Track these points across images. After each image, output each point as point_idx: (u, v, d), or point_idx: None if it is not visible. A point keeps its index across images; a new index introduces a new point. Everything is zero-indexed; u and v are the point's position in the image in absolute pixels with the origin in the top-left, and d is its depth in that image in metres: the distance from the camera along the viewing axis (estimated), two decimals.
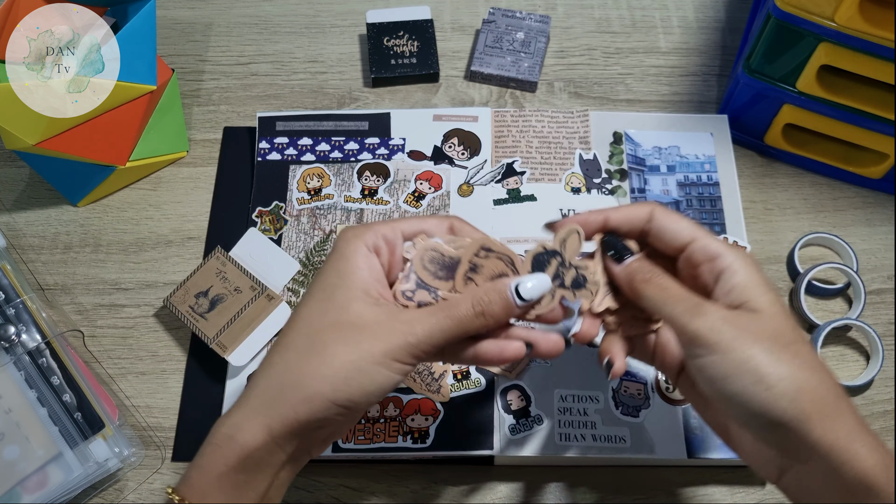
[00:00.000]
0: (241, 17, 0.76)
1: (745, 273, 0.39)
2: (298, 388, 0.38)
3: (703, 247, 0.40)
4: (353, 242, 0.40)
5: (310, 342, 0.38)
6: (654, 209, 0.42)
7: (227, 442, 0.38)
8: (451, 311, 0.39)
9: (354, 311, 0.39)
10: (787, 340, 0.37)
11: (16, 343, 0.54)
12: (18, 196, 0.66)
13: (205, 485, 0.38)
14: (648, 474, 0.54)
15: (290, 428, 0.38)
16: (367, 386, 0.38)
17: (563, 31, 0.75)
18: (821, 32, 0.55)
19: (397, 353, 0.38)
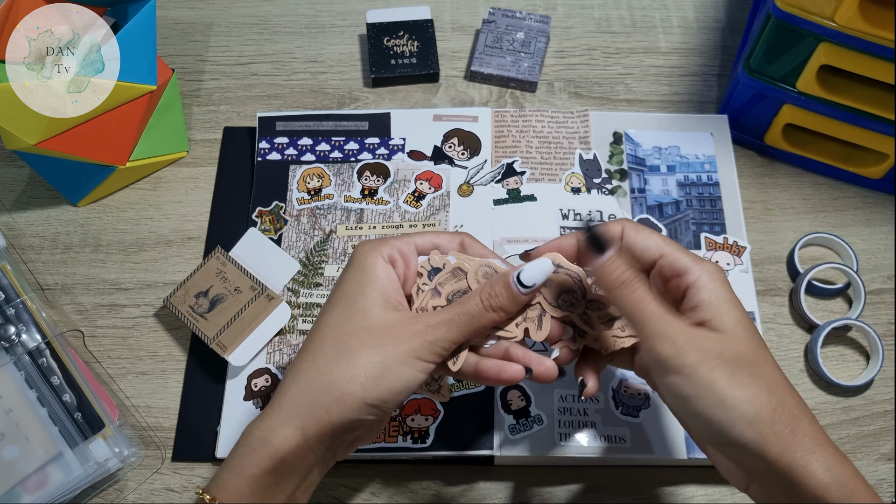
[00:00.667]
0: (241, 17, 0.76)
1: (710, 290, 0.40)
2: (330, 390, 0.39)
3: (671, 262, 0.41)
4: (372, 255, 0.42)
5: (337, 347, 0.40)
6: (625, 226, 0.43)
7: (262, 445, 0.39)
8: (464, 307, 0.41)
9: (377, 316, 0.41)
10: (748, 361, 0.38)
11: (16, 343, 0.54)
12: (18, 196, 0.66)
13: (237, 486, 0.39)
14: (648, 474, 0.54)
15: (323, 430, 0.39)
16: (395, 384, 0.40)
17: (563, 31, 0.75)
18: (821, 32, 0.55)
19: (420, 352, 0.40)
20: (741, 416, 0.37)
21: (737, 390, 0.37)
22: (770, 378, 0.38)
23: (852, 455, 0.55)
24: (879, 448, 0.55)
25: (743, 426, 0.37)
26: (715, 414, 0.37)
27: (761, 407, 0.37)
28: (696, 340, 0.38)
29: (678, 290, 0.41)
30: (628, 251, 0.42)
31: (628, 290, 0.40)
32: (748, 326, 0.39)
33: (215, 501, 0.38)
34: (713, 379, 0.37)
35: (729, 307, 0.40)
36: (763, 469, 0.38)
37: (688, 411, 0.39)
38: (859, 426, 0.56)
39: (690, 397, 0.38)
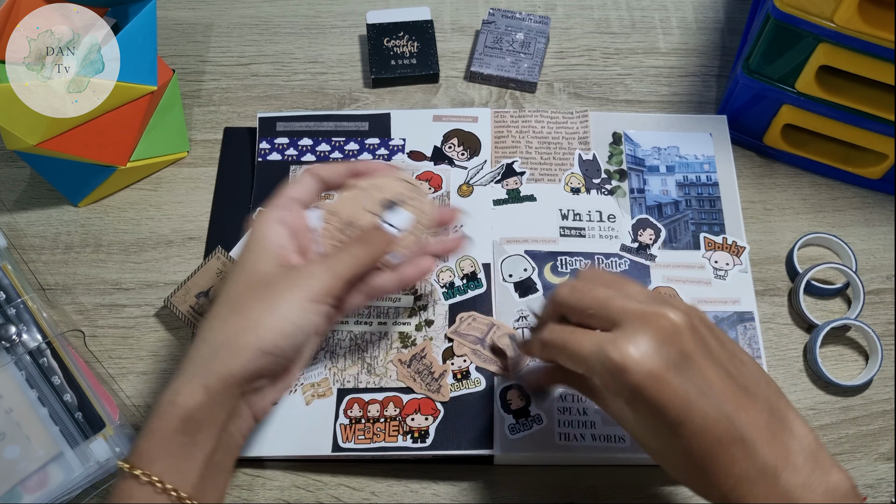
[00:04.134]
0: (241, 17, 0.76)
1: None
2: (226, 344, 0.42)
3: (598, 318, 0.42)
4: (260, 220, 0.47)
5: (230, 307, 0.43)
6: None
7: (169, 406, 0.41)
8: (345, 249, 0.47)
9: (264, 272, 0.44)
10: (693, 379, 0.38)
11: (17, 343, 0.54)
12: (19, 196, 0.66)
13: (151, 449, 0.40)
14: (648, 474, 0.54)
15: (224, 382, 0.41)
16: (286, 327, 0.42)
17: (562, 31, 0.75)
18: (820, 33, 0.55)
19: (311, 294, 0.43)
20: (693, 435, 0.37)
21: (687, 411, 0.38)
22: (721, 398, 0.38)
23: (851, 455, 0.55)
24: (878, 448, 0.55)
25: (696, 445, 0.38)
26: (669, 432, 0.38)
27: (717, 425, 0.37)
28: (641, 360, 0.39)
29: None
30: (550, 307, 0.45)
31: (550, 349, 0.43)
32: None
33: (134, 469, 0.39)
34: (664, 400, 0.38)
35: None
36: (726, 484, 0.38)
37: (642, 428, 0.40)
38: (858, 426, 0.56)
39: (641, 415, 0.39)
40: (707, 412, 0.37)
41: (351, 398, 0.54)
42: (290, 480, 0.54)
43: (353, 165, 0.51)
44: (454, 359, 0.56)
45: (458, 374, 0.55)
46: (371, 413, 0.54)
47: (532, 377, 0.51)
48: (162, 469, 0.39)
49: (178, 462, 0.40)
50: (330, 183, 0.51)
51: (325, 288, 0.44)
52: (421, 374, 0.55)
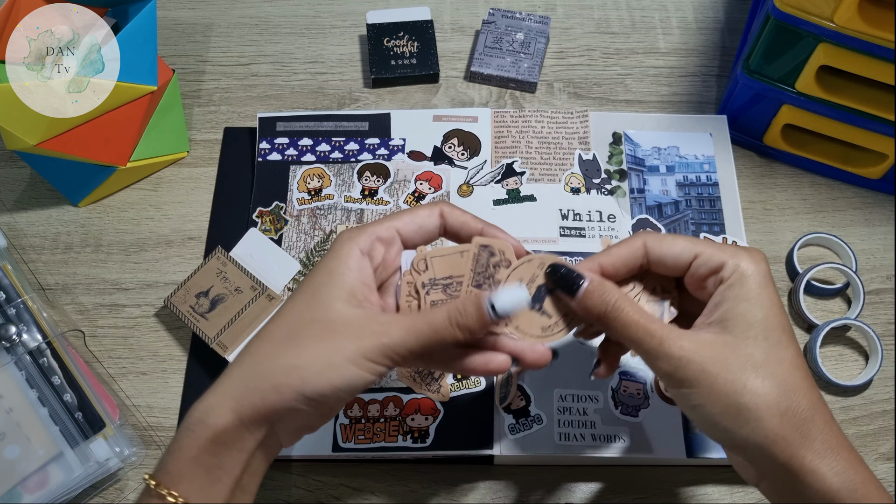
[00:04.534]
0: (241, 17, 0.76)
1: (736, 287, 0.39)
2: (269, 376, 0.38)
3: (705, 262, 0.40)
4: (347, 245, 0.41)
5: (287, 335, 0.39)
6: (646, 241, 0.42)
7: (199, 426, 0.38)
8: (428, 318, 0.39)
9: (335, 310, 0.39)
10: (756, 364, 0.38)
11: (17, 343, 0.54)
12: (19, 196, 0.66)
13: (179, 468, 0.38)
14: (648, 474, 0.54)
15: (258, 414, 0.38)
16: (337, 382, 0.38)
17: (562, 31, 0.75)
18: (820, 33, 0.55)
19: (370, 353, 0.38)
20: (746, 421, 0.37)
21: (738, 396, 0.37)
22: (783, 380, 0.38)
23: None
24: (879, 448, 0.55)
25: (748, 431, 0.37)
26: (720, 421, 0.38)
27: (768, 410, 0.37)
28: (694, 351, 0.38)
29: (713, 287, 0.40)
30: (659, 266, 0.42)
31: (613, 317, 0.39)
32: (767, 325, 0.39)
33: (160, 485, 0.38)
34: (715, 387, 0.37)
35: (747, 307, 0.39)
36: (772, 470, 0.38)
37: (697, 418, 0.39)
38: (858, 426, 0.56)
39: (697, 406, 0.38)
40: None
41: None
42: (290, 480, 0.54)
43: (488, 229, 0.43)
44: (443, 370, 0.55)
45: (458, 375, 0.55)
46: (371, 413, 0.54)
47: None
48: (188, 490, 0.38)
49: (204, 485, 0.38)
50: (453, 233, 0.44)
51: (393, 352, 0.39)
52: (421, 374, 0.55)
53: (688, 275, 0.41)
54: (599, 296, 0.40)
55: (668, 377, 0.39)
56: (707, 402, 0.38)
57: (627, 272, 0.43)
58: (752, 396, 0.37)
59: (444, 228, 0.43)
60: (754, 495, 0.53)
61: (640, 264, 0.42)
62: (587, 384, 0.55)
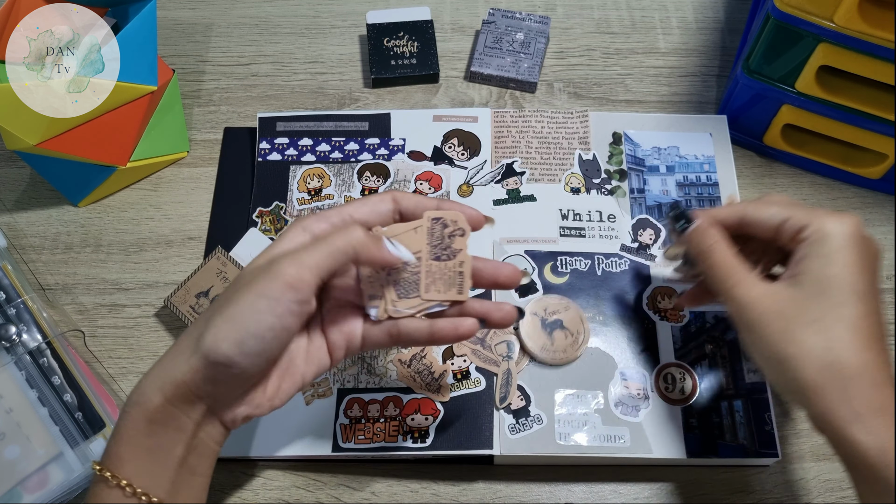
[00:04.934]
0: (241, 17, 0.76)
1: (811, 243, 0.42)
2: (182, 350, 0.40)
3: (795, 223, 0.43)
4: (296, 225, 0.42)
5: (207, 313, 0.40)
6: (745, 208, 0.46)
7: (133, 408, 0.39)
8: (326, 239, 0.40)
9: (244, 275, 0.40)
10: (812, 318, 0.40)
11: (17, 343, 0.54)
12: (19, 196, 0.66)
13: (119, 451, 0.39)
14: (648, 474, 0.54)
15: (179, 390, 0.39)
16: (236, 334, 0.38)
17: (562, 31, 0.75)
18: (820, 33, 0.55)
19: (270, 291, 0.38)
20: (784, 370, 0.40)
21: (784, 346, 0.40)
22: (835, 337, 0.39)
23: None
24: None
25: (787, 378, 0.40)
26: (765, 367, 0.42)
27: (809, 361, 0.39)
28: (762, 297, 0.42)
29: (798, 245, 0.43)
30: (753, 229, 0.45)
31: (707, 255, 0.44)
32: (835, 283, 0.41)
33: (104, 471, 0.39)
34: (765, 335, 0.41)
35: (820, 263, 0.41)
36: (813, 417, 0.40)
37: (754, 362, 0.44)
38: None
39: (752, 351, 0.43)
40: None
41: (351, 398, 0.55)
42: (290, 480, 0.54)
43: (441, 203, 0.45)
44: (454, 359, 0.56)
45: (458, 374, 0.55)
46: (371, 413, 0.54)
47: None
48: (132, 472, 0.38)
49: (147, 466, 0.39)
50: (409, 215, 0.44)
51: (289, 283, 0.38)
52: (421, 374, 0.55)
53: (779, 236, 0.45)
54: (701, 234, 0.45)
55: (733, 319, 0.43)
56: (757, 347, 0.42)
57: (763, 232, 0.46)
58: (797, 347, 0.40)
59: (399, 213, 0.44)
60: (754, 495, 0.53)
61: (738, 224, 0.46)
62: (587, 384, 0.55)
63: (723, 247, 0.44)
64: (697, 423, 0.53)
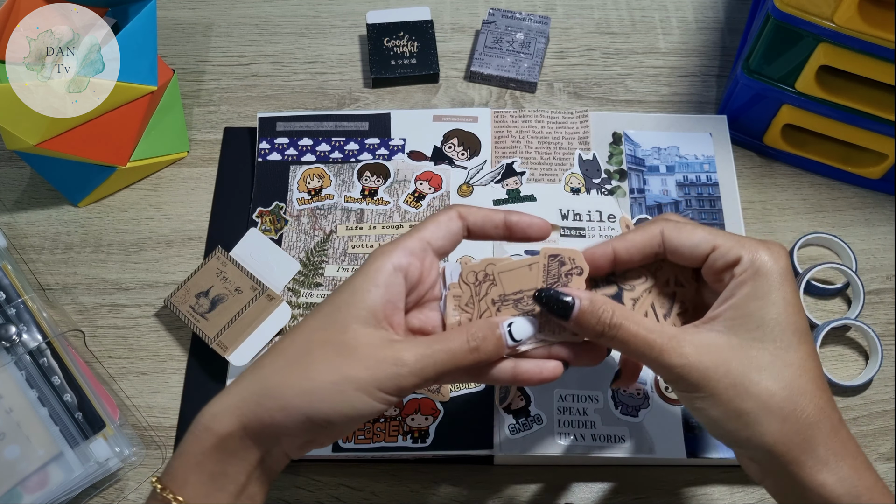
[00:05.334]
0: (241, 17, 0.76)
1: (748, 285, 0.38)
2: (277, 394, 0.38)
3: (723, 254, 0.39)
4: (380, 259, 0.40)
5: (300, 353, 0.39)
6: (664, 228, 0.41)
7: (204, 432, 0.38)
8: (445, 345, 0.38)
9: (352, 332, 0.38)
10: (761, 366, 0.37)
11: (17, 343, 0.54)
12: (19, 196, 0.66)
13: (184, 473, 0.38)
14: (648, 474, 0.54)
15: (263, 429, 0.38)
16: (344, 410, 0.37)
17: (562, 31, 0.75)
18: (820, 33, 0.55)
19: (382, 383, 0.37)
20: (746, 424, 0.37)
21: (740, 401, 0.37)
22: (788, 384, 0.37)
23: None
24: (879, 448, 0.55)
25: (749, 434, 0.37)
26: (722, 424, 0.38)
27: (769, 415, 0.37)
28: (699, 355, 0.38)
29: (729, 280, 0.40)
30: (675, 255, 0.41)
31: (611, 335, 0.39)
32: (779, 326, 0.38)
33: (165, 491, 0.38)
34: (716, 392, 0.37)
35: (757, 306, 0.38)
36: (774, 472, 0.38)
37: (701, 420, 0.39)
38: (858, 426, 0.56)
39: (701, 409, 0.38)
40: None
41: None
42: (290, 480, 0.54)
43: (510, 216, 0.42)
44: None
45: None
46: None
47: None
48: (192, 494, 0.38)
49: (209, 490, 0.38)
50: (477, 231, 0.42)
51: (406, 386, 0.38)
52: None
53: (705, 266, 0.41)
54: (593, 315, 0.39)
55: (673, 384, 0.39)
56: (709, 406, 0.38)
57: (642, 259, 0.42)
58: (754, 401, 0.37)
59: (468, 229, 0.42)
60: (754, 495, 0.53)
61: (657, 252, 0.42)
62: (587, 384, 0.55)
63: (625, 314, 0.39)
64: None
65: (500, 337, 0.39)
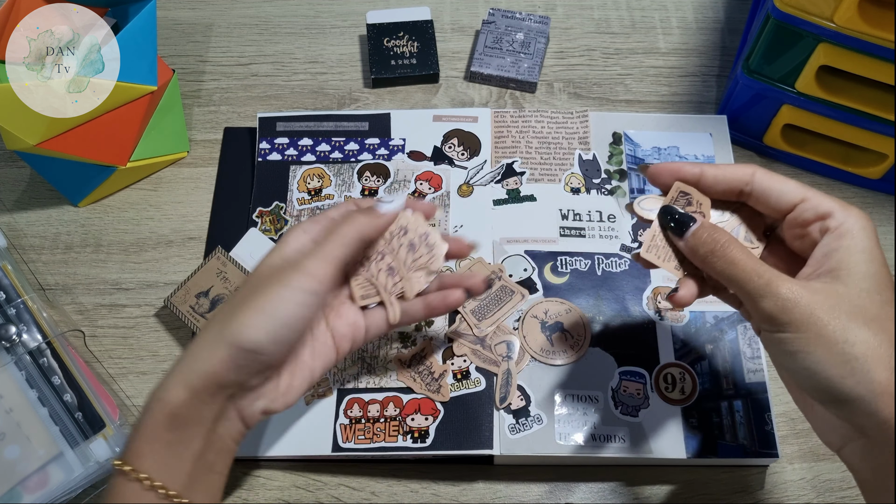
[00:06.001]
0: (241, 17, 0.76)
1: (847, 237, 0.38)
2: (210, 343, 0.41)
3: (814, 206, 0.39)
4: (293, 231, 0.45)
5: (226, 305, 0.43)
6: (756, 171, 0.41)
7: (156, 404, 0.40)
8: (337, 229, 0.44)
9: (263, 269, 0.43)
10: (869, 316, 0.37)
11: (17, 343, 0.54)
12: (19, 196, 0.66)
13: (140, 447, 0.40)
14: (647, 474, 0.54)
15: (206, 381, 0.40)
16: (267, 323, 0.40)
17: (562, 31, 0.75)
18: (820, 33, 0.55)
19: (294, 282, 0.41)
20: (853, 371, 0.36)
21: (849, 346, 0.36)
22: (891, 332, 0.36)
23: None
24: None
25: (853, 382, 0.36)
26: (824, 369, 0.36)
27: (878, 362, 0.35)
28: (803, 294, 0.37)
29: (819, 233, 0.39)
30: (761, 197, 0.41)
31: (720, 255, 0.39)
32: (880, 280, 0.37)
33: (124, 466, 0.39)
34: (823, 333, 0.36)
35: (861, 258, 0.38)
36: (872, 426, 0.36)
37: (796, 367, 0.38)
38: None
39: (797, 353, 0.37)
40: None
41: (351, 398, 0.55)
42: (290, 480, 0.54)
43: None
44: (454, 359, 0.56)
45: (458, 374, 0.55)
46: (371, 413, 0.54)
47: None
48: (150, 466, 0.39)
49: (166, 459, 0.40)
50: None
51: (314, 274, 0.42)
52: (421, 374, 0.55)
53: (790, 217, 0.40)
54: (709, 235, 0.40)
55: (772, 319, 0.38)
56: (813, 349, 0.36)
57: (724, 192, 0.42)
58: (863, 346, 0.36)
59: None
60: (754, 495, 0.53)
61: (741, 190, 0.42)
62: (587, 384, 0.55)
63: (737, 243, 0.40)
64: (697, 423, 0.53)
65: (370, 207, 0.46)
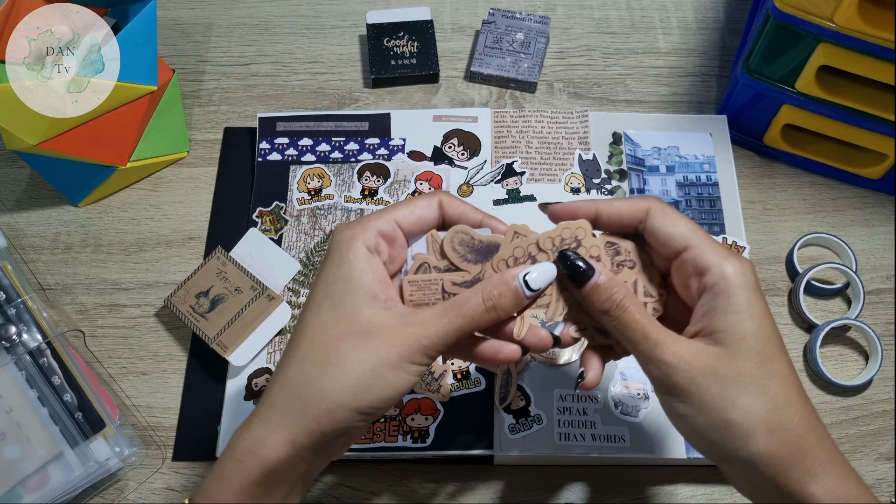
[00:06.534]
0: (241, 17, 0.76)
1: (723, 298, 0.38)
2: (320, 400, 0.37)
3: (694, 258, 0.39)
4: (353, 245, 0.40)
5: (326, 353, 0.38)
6: (651, 208, 0.40)
7: (249, 457, 0.37)
8: (462, 309, 0.39)
9: (366, 318, 0.38)
10: (749, 379, 0.37)
11: (17, 343, 0.54)
12: (19, 196, 0.66)
13: (224, 498, 0.37)
14: (648, 474, 0.54)
15: (314, 440, 0.38)
16: (386, 390, 0.38)
17: (562, 31, 0.75)
18: (820, 33, 0.55)
19: (412, 356, 0.38)
20: (732, 436, 0.36)
21: (727, 412, 0.36)
22: (774, 396, 0.37)
23: (851, 455, 0.55)
24: (879, 448, 0.55)
25: (734, 447, 0.36)
26: (708, 434, 0.37)
27: (756, 428, 0.36)
28: (685, 360, 0.37)
29: (698, 289, 0.39)
30: (651, 237, 0.40)
31: (616, 314, 0.39)
32: (759, 337, 0.37)
33: None
34: (704, 399, 0.37)
35: (738, 319, 0.37)
36: (762, 486, 0.37)
37: (683, 429, 0.39)
38: (858, 426, 0.56)
39: (685, 416, 0.38)
40: None
41: None
42: None
43: (488, 219, 0.42)
44: (454, 359, 0.56)
45: (458, 374, 0.55)
46: None
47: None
48: None
49: None
50: (452, 224, 0.42)
51: (432, 349, 0.38)
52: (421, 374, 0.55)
53: (675, 265, 0.40)
54: (607, 291, 0.39)
55: (659, 383, 0.38)
56: (695, 414, 0.37)
57: (619, 228, 0.41)
58: (742, 413, 0.36)
59: (443, 219, 0.42)
60: None
61: (636, 227, 0.41)
62: None
63: (634, 300, 0.39)
64: None
65: (515, 290, 0.39)
